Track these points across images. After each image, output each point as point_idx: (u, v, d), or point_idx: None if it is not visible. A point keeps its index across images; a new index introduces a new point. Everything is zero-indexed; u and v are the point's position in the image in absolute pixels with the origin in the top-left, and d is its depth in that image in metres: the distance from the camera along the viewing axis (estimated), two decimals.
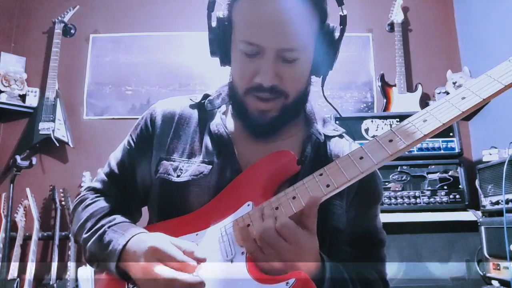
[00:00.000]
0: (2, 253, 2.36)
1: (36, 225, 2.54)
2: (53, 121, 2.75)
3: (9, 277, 2.37)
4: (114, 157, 0.94)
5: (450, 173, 2.30)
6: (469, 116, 2.83)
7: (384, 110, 2.81)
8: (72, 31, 3.03)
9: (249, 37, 0.76)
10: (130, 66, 3.04)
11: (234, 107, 0.88)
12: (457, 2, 3.10)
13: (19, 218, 2.59)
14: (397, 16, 2.94)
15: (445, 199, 2.25)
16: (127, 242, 0.75)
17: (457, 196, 2.25)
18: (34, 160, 2.50)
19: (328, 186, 0.69)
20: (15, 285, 2.34)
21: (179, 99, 0.95)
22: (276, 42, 0.75)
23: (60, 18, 2.94)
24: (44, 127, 2.72)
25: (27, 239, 2.58)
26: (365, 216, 0.87)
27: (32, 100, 2.87)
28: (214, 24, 0.83)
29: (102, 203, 0.87)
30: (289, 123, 0.87)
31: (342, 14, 0.81)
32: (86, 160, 2.80)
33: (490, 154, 2.19)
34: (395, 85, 2.86)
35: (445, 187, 2.27)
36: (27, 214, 2.63)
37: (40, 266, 2.59)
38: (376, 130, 2.41)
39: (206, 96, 0.93)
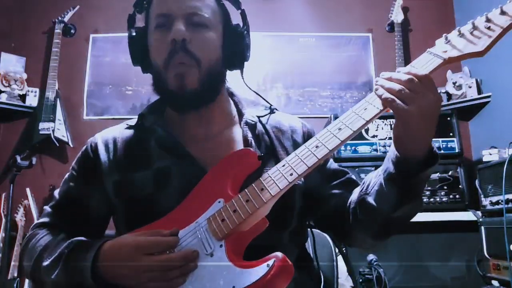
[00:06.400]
0: (2, 253, 2.36)
1: None
2: (53, 121, 2.75)
3: (9, 277, 2.37)
4: (58, 191, 0.97)
5: (450, 173, 2.30)
6: (469, 116, 2.86)
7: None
8: (72, 31, 3.03)
9: (160, 9, 0.87)
10: (130, 66, 2.95)
11: (159, 92, 0.93)
12: (457, 2, 3.10)
13: (19, 218, 2.59)
14: (397, 16, 2.94)
15: (445, 199, 2.25)
16: (95, 254, 0.75)
17: (457, 196, 2.25)
18: (34, 160, 2.49)
19: (291, 174, 0.76)
20: (15, 285, 2.34)
21: (115, 127, 1.00)
22: (183, 7, 0.85)
23: (60, 18, 2.94)
24: (44, 127, 2.72)
25: None
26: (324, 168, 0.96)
27: (32, 100, 2.87)
28: (133, 33, 0.93)
29: (53, 235, 0.87)
30: (217, 108, 0.94)
31: (241, 10, 0.93)
32: None
33: (490, 154, 2.19)
34: None
35: (445, 187, 2.27)
36: (27, 214, 2.63)
37: None
38: (376, 130, 2.41)
39: (141, 116, 0.97)
